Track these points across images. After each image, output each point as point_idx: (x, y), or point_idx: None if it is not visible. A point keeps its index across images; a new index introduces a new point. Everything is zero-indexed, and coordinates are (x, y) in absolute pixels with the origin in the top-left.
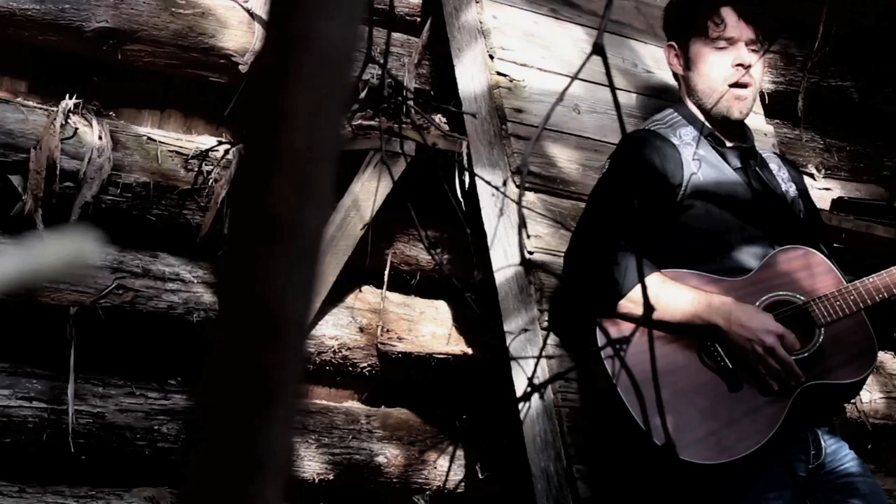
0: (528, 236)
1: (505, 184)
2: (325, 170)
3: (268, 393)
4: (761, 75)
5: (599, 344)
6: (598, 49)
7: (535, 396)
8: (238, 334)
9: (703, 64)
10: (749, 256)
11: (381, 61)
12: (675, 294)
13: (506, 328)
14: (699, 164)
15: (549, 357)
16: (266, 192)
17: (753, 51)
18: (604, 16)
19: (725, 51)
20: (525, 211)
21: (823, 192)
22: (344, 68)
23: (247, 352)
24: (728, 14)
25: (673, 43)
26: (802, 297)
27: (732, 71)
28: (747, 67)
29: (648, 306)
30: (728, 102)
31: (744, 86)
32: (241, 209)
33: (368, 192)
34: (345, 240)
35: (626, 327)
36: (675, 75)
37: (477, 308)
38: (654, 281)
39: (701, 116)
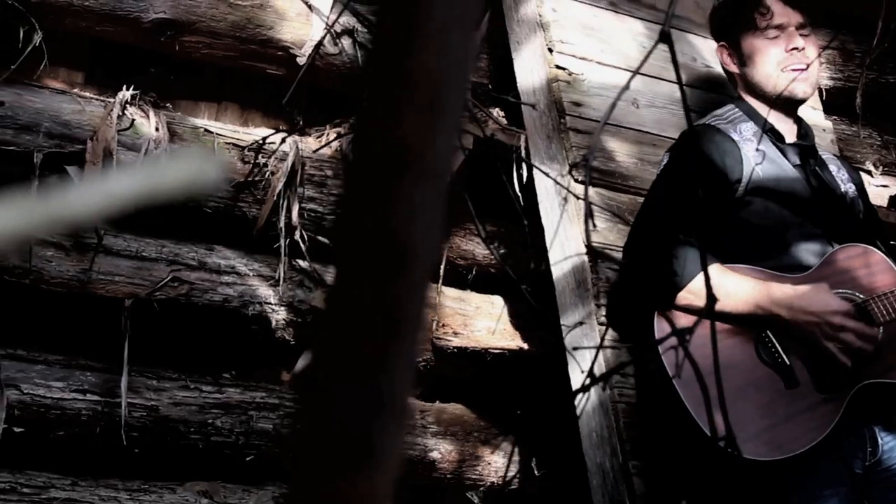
0: (595, 226)
1: (567, 174)
2: (455, 94)
3: (393, 327)
4: (817, 56)
5: (657, 336)
6: (664, 37)
7: (592, 392)
8: (363, 266)
9: (758, 55)
10: (808, 254)
11: None
12: (735, 284)
13: (562, 322)
14: (762, 158)
15: (606, 347)
16: (396, 115)
17: (804, 35)
18: (671, 2)
19: (777, 39)
20: (583, 204)
21: (881, 189)
22: None
23: (372, 283)
24: (773, 2)
25: (724, 43)
26: (862, 296)
27: (786, 55)
28: (801, 50)
29: (711, 297)
30: (787, 85)
31: (801, 68)
32: (368, 135)
33: None
34: None
35: (685, 320)
36: (730, 75)
37: (533, 301)
38: (715, 271)
39: (762, 112)
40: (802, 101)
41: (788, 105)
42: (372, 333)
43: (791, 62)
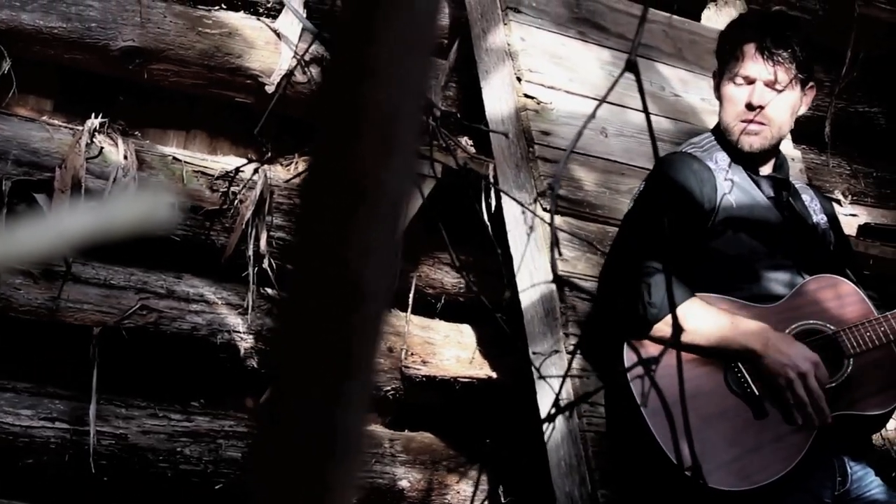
0: (560, 254)
1: (534, 203)
2: (409, 128)
3: (346, 362)
4: (787, 115)
5: (626, 365)
6: (630, 66)
7: (561, 421)
8: (316, 303)
9: (723, 98)
10: (778, 284)
11: None
12: (712, 317)
13: (531, 351)
14: (731, 188)
15: (574, 376)
16: (349, 150)
17: (778, 90)
18: (638, 31)
19: (742, 88)
20: (551, 233)
21: (850, 217)
22: (430, 16)
23: (325, 323)
24: (748, 51)
25: (715, 72)
26: (832, 327)
27: (743, 110)
28: (755, 108)
29: (678, 328)
30: (737, 137)
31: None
32: (321, 170)
33: None
34: None
35: (654, 349)
36: None
37: (507, 329)
38: (693, 304)
39: None
40: (763, 153)
41: (747, 156)
42: (326, 369)
43: (746, 117)
